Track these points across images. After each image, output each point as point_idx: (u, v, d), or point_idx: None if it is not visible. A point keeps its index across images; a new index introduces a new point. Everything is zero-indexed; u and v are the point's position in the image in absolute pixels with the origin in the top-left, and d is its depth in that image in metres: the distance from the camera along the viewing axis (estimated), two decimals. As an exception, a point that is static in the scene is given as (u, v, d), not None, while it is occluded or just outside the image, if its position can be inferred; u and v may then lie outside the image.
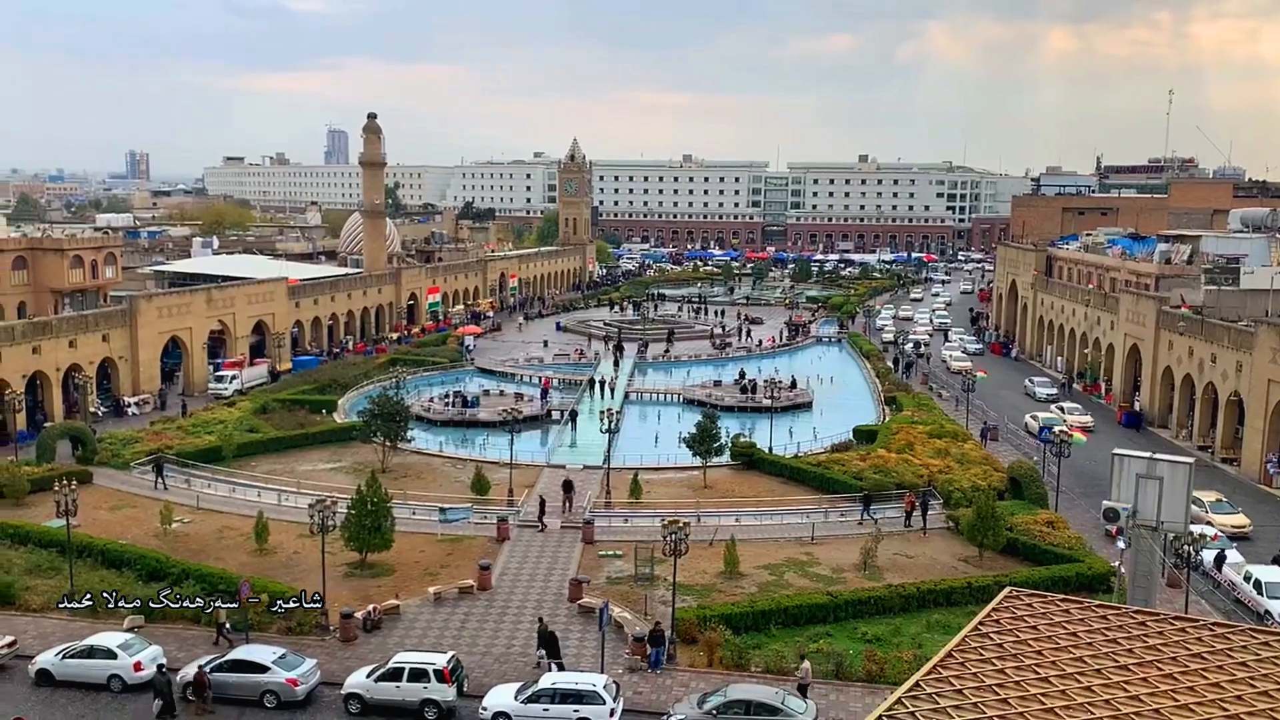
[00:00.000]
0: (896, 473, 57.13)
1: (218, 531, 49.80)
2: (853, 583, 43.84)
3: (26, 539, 46.57)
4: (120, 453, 60.59)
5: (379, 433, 61.39)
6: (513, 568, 46.01)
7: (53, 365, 69.79)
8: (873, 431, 67.65)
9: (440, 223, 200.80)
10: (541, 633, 37.08)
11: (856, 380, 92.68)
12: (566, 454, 65.66)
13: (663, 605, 40.24)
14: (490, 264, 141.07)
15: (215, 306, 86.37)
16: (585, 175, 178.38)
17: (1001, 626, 17.91)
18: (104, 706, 33.96)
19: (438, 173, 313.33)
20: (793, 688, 33.87)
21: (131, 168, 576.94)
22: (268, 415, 70.91)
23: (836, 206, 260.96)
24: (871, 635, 39.02)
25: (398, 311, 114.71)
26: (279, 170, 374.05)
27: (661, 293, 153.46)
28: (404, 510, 49.86)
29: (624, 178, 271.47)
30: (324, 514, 40.00)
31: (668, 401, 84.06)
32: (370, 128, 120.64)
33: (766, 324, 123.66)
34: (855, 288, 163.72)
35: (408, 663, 34.21)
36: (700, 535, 47.12)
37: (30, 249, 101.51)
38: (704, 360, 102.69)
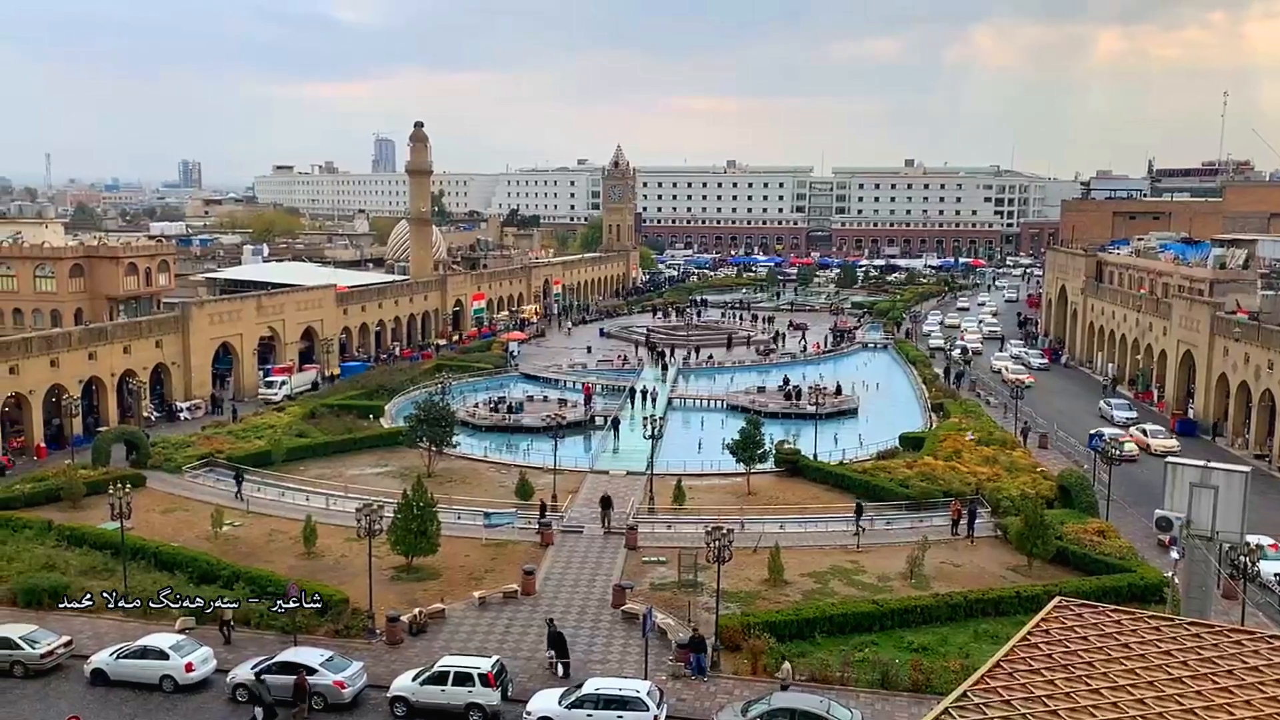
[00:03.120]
0: (943, 480, 56.51)
1: (267, 534, 50.51)
2: (899, 591, 43.41)
3: (82, 540, 47.58)
4: (173, 456, 61.70)
5: (425, 438, 61.95)
6: (556, 572, 46.14)
7: (108, 371, 71.27)
8: (919, 438, 66.97)
9: (485, 229, 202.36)
10: (551, 633, 37.35)
11: (903, 386, 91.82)
12: (610, 460, 65.76)
13: (706, 612, 40.12)
14: (534, 270, 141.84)
15: (265, 313, 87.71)
16: (629, 181, 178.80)
17: (1051, 637, 17.63)
18: (156, 706, 34.53)
19: (483, 180, 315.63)
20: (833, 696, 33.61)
21: (184, 177, 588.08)
22: (316, 420, 71.82)
23: (882, 211, 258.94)
24: (918, 644, 38.58)
25: (443, 318, 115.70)
26: (328, 179, 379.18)
27: (705, 299, 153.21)
28: (449, 515, 50.23)
29: (667, 184, 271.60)
30: (371, 518, 40.40)
31: (711, 407, 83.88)
32: (417, 136, 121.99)
33: (811, 330, 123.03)
34: (901, 293, 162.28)
35: (453, 666, 34.43)
36: (744, 542, 46.91)
37: (87, 257, 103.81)
38: (747, 366, 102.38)
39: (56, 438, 66.67)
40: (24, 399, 64.92)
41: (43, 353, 66.40)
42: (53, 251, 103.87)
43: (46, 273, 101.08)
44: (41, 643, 36.63)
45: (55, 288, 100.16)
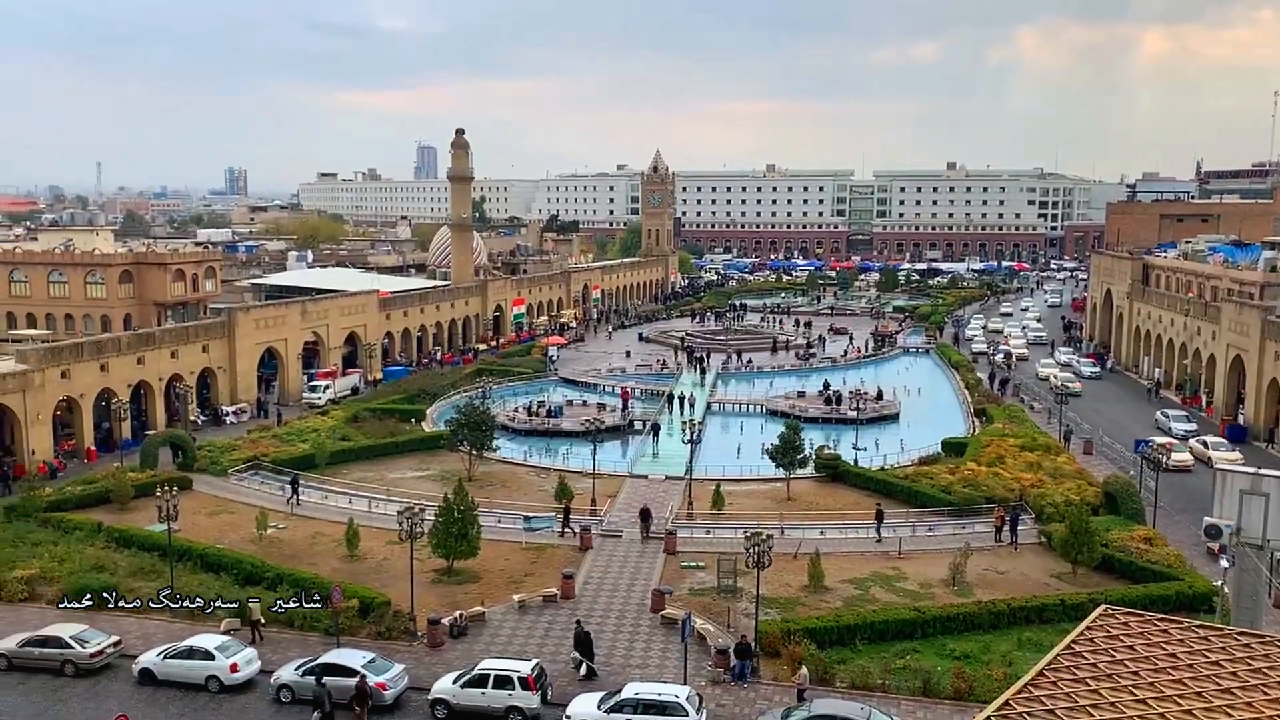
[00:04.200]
0: (986, 486, 55.92)
1: (311, 537, 51.10)
2: (941, 598, 43.03)
3: (130, 542, 48.45)
4: (218, 460, 62.62)
5: (465, 441, 62.38)
6: (596, 577, 46.24)
7: (155, 375, 72.53)
8: (962, 444, 66.32)
9: (525, 235, 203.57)
10: (577, 635, 37.47)
11: (945, 392, 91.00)
12: (648, 465, 65.79)
13: (746, 618, 40.02)
14: (574, 275, 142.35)
15: (310, 318, 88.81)
16: (668, 186, 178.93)
17: (1096, 645, 17.40)
18: (202, 706, 35.04)
19: (523, 186, 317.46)
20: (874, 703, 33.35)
21: (230, 184, 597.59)
22: (359, 424, 72.57)
23: (924, 215, 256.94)
24: (960, 652, 38.22)
25: (484, 322, 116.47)
26: (370, 185, 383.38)
27: (744, 303, 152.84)
28: (489, 518, 50.51)
29: (706, 188, 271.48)
30: (412, 521, 40.75)
31: (750, 412, 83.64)
32: (458, 143, 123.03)
33: (852, 334, 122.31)
34: (943, 297, 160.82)
35: (493, 669, 34.62)
36: (784, 548, 46.74)
37: (135, 263, 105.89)
38: (787, 370, 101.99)
39: (106, 441, 67.95)
40: (75, 403, 66.27)
41: (93, 357, 67.74)
42: (103, 258, 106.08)
43: (97, 279, 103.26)
44: (91, 642, 37.35)
45: (105, 294, 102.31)
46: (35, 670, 36.94)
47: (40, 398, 62.88)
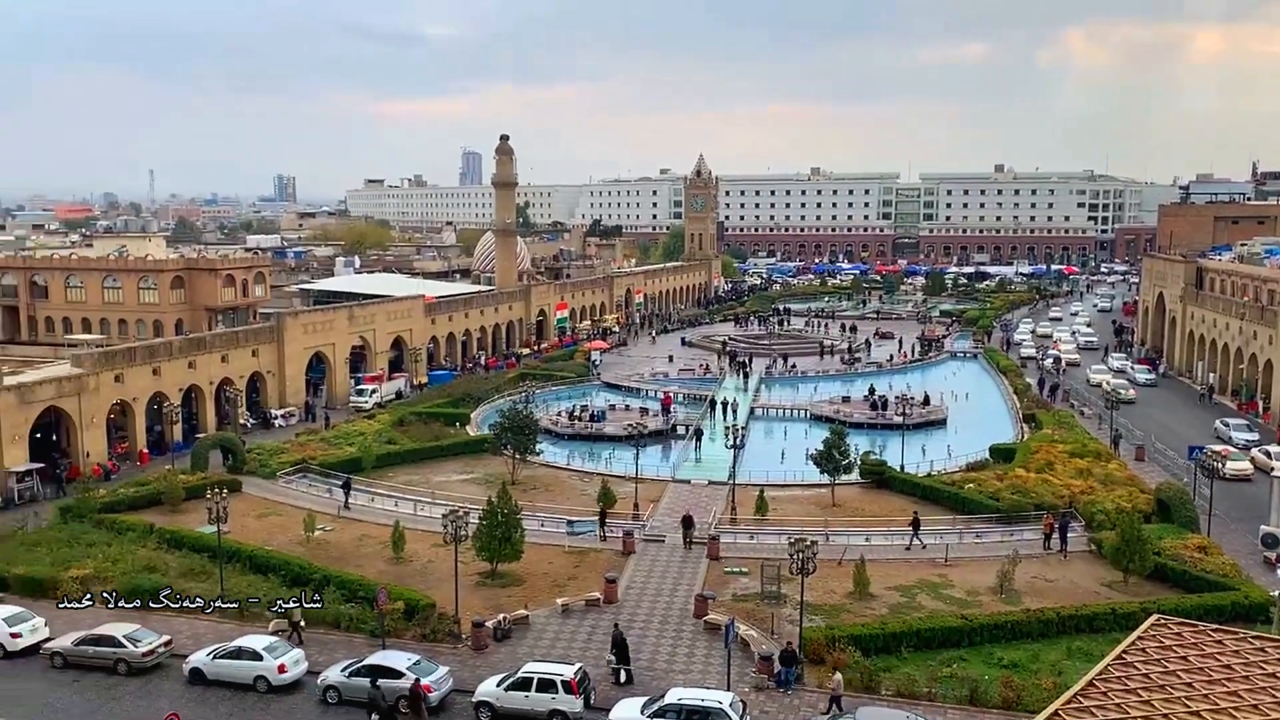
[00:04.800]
0: (1035, 493, 55.17)
1: (357, 539, 51.62)
2: (988, 606, 42.47)
3: (181, 544, 49.27)
4: (267, 462, 63.48)
5: (509, 445, 62.70)
6: (638, 582, 46.21)
7: (206, 379, 73.75)
8: (1010, 450, 65.47)
9: (568, 240, 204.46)
10: (614, 638, 37.47)
11: (993, 397, 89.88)
12: (691, 470, 65.66)
13: (790, 624, 39.77)
14: (616, 280, 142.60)
15: (357, 323, 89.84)
16: (711, 190, 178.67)
17: (1148, 656, 17.05)
18: (250, 706, 35.50)
19: (566, 191, 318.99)
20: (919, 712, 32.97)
21: (279, 191, 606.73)
22: (405, 428, 73.24)
23: (971, 218, 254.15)
24: (1008, 661, 37.69)
25: (527, 327, 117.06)
26: (416, 192, 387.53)
27: (788, 307, 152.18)
28: (532, 522, 50.69)
29: (750, 192, 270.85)
30: (457, 524, 41.02)
31: (794, 417, 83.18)
32: (502, 149, 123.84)
33: (898, 338, 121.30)
34: (991, 301, 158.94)
35: (536, 673, 34.72)
36: (828, 554, 46.40)
37: (187, 269, 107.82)
38: (831, 375, 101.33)
39: (158, 444, 69.21)
40: (128, 406, 67.58)
41: (145, 362, 69.05)
42: (155, 264, 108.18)
43: (149, 284, 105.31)
44: (143, 641, 38.01)
45: (158, 299, 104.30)
46: (89, 668, 37.67)
47: (95, 401, 64.20)
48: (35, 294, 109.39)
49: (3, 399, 58.42)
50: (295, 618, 40.12)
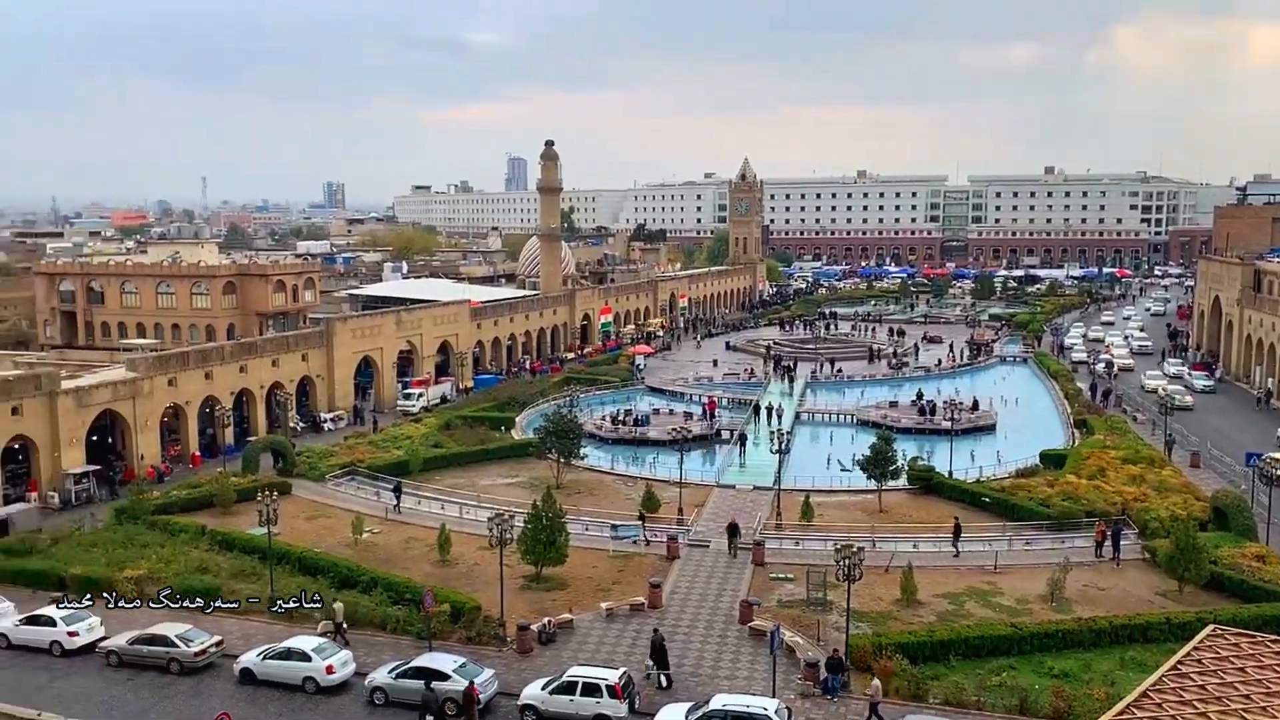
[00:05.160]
0: (1087, 500, 54.26)
1: (404, 542, 52.08)
2: (1039, 614, 41.83)
3: (232, 545, 50.03)
4: (316, 465, 64.28)
5: (553, 449, 62.92)
6: (683, 587, 46.09)
7: (257, 383, 74.88)
8: (1061, 456, 64.48)
9: (612, 244, 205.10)
10: (653, 643, 37.37)
11: (1043, 402, 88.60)
12: (736, 475, 65.42)
13: (836, 631, 39.46)
14: (660, 284, 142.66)
15: (404, 328, 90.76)
16: (756, 194, 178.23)
17: (1204, 667, 16.67)
18: (299, 707, 35.91)
19: (611, 196, 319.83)
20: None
21: (329, 197, 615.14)
22: (451, 431, 73.79)
23: (1021, 220, 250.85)
24: (1059, 670, 37.08)
25: (572, 331, 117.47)
26: (463, 197, 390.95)
27: (834, 311, 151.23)
28: (576, 526, 50.76)
29: (795, 195, 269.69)
30: (502, 527, 41.22)
31: (840, 422, 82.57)
32: (547, 155, 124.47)
33: (946, 342, 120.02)
34: (1041, 305, 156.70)
35: (581, 677, 34.76)
36: (875, 561, 45.97)
37: (239, 275, 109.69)
38: (878, 380, 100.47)
39: (210, 447, 70.37)
40: (181, 409, 68.81)
41: (198, 366, 70.29)
42: (208, 270, 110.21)
43: (202, 290, 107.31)
44: (195, 641, 38.61)
45: (210, 304, 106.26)
46: (143, 667, 38.35)
47: (149, 405, 65.46)
48: (92, 299, 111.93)
49: (61, 402, 59.80)
50: (338, 618, 40.57)
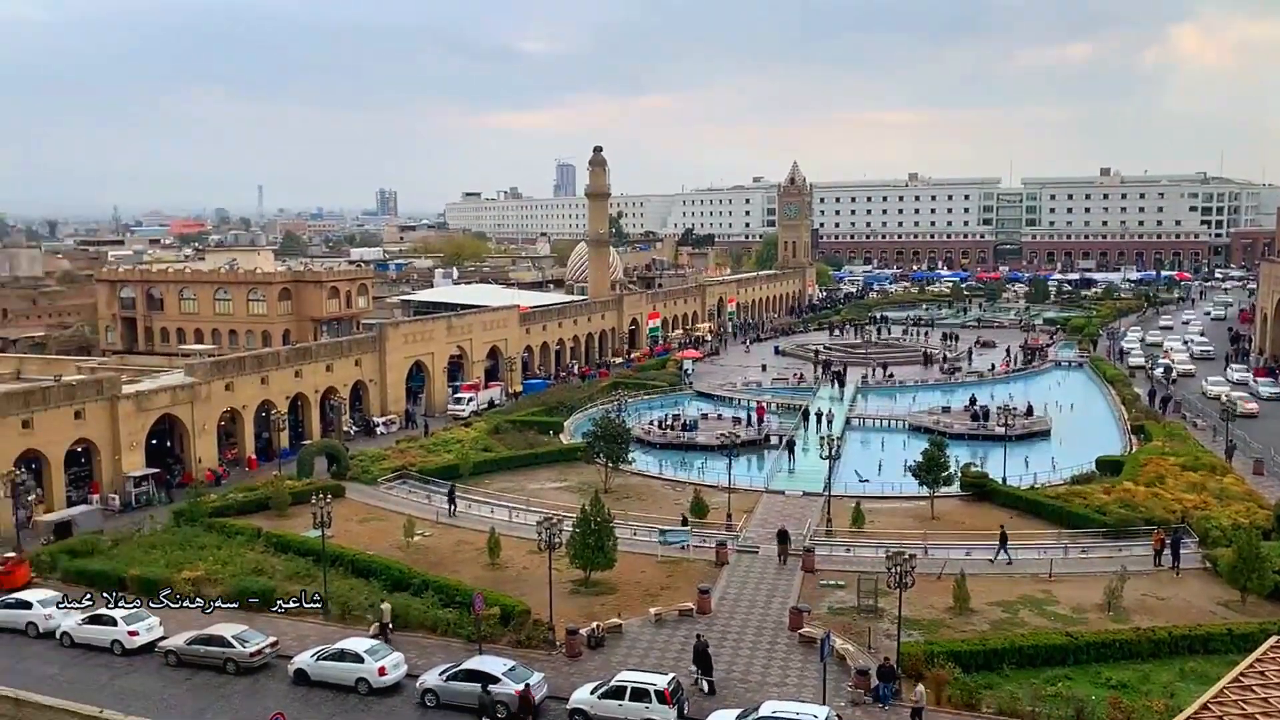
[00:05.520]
0: (1145, 507, 53.18)
1: (454, 545, 52.50)
2: (1095, 624, 41.07)
3: (287, 547, 50.79)
4: (369, 469, 65.08)
5: (601, 454, 63.06)
6: (732, 593, 45.92)
7: (312, 388, 76.01)
8: (1118, 462, 63.28)
9: (661, 249, 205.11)
10: (696, 648, 37.26)
11: (1099, 408, 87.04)
12: (785, 480, 65.06)
13: (887, 639, 39.07)
14: (709, 289, 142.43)
15: (455, 333, 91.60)
16: (805, 198, 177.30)
17: (1266, 679, 16.25)
18: (352, 708, 36.34)
19: (659, 201, 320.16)
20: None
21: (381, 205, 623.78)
22: (500, 435, 74.29)
23: (1076, 223, 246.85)
24: (1116, 681, 36.34)
25: (620, 336, 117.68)
26: (512, 204, 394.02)
27: (885, 315, 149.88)
28: (625, 530, 50.80)
29: (845, 199, 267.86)
30: (551, 532, 41.39)
31: (891, 428, 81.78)
32: (596, 160, 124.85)
33: (1000, 347, 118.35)
34: (1097, 309, 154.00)
35: (630, 682, 34.77)
36: (927, 568, 45.46)
37: (294, 281, 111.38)
38: (930, 385, 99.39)
39: (265, 450, 71.53)
40: (238, 414, 70.04)
41: (254, 371, 71.49)
42: (264, 277, 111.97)
43: (258, 296, 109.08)
44: (251, 642, 39.22)
45: (266, 310, 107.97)
46: (200, 667, 39.04)
47: (206, 409, 66.73)
48: (152, 306, 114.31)
49: (121, 407, 61.18)
50: (385, 619, 40.97)
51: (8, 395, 57.24)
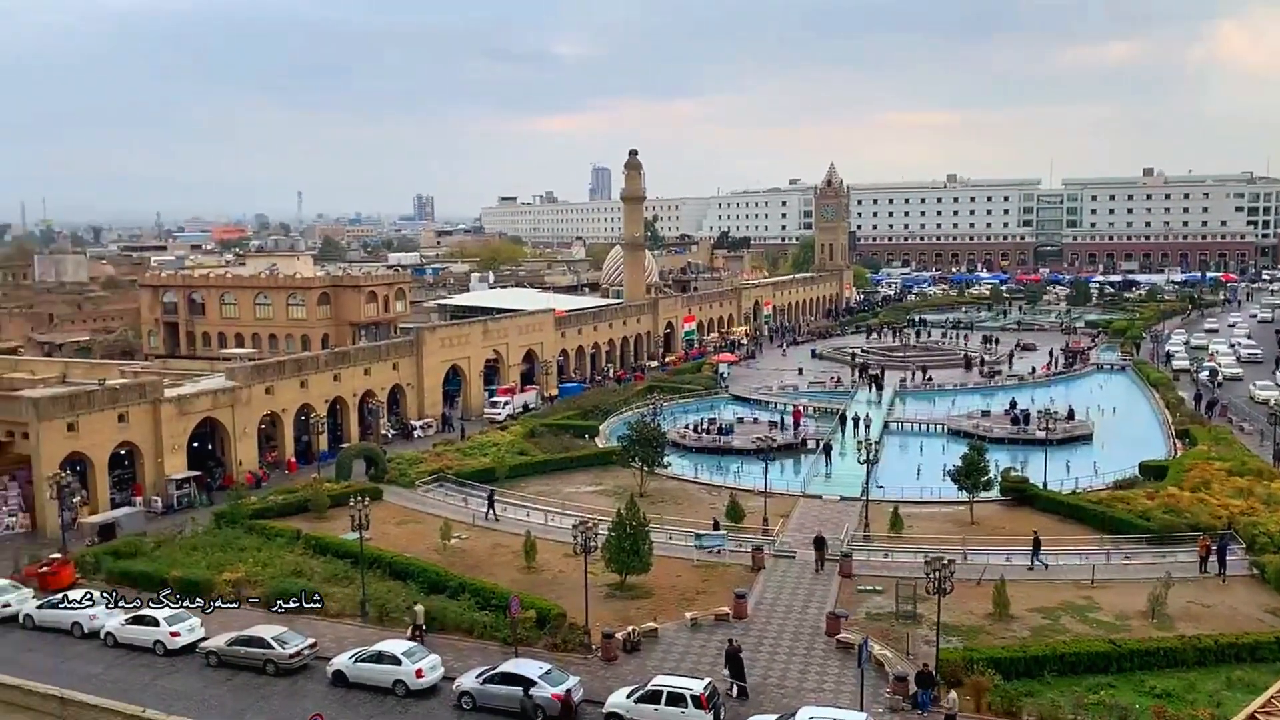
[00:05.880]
0: (1190, 513, 52.23)
1: (491, 548, 52.66)
2: (1139, 631, 40.40)
3: (326, 549, 51.22)
4: (406, 472, 65.47)
5: (637, 458, 62.97)
6: (768, 598, 45.65)
7: (350, 391, 76.63)
8: (1162, 467, 62.26)
9: (696, 253, 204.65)
10: (728, 653, 37.07)
11: (1143, 411, 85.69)
12: (822, 485, 64.61)
13: (926, 645, 38.65)
14: (744, 292, 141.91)
15: (490, 337, 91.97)
16: (842, 200, 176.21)
17: (1321, 692, 15.83)
18: (389, 709, 36.50)
19: (694, 204, 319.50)
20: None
21: (419, 210, 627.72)
22: (536, 439, 74.43)
23: (1118, 224, 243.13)
24: (1161, 690, 35.72)
25: (655, 340, 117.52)
26: (547, 208, 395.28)
27: (923, 318, 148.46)
28: (660, 534, 50.69)
29: (883, 200, 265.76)
30: (586, 535, 41.37)
31: (930, 432, 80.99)
32: (631, 164, 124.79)
33: (1041, 350, 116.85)
34: (1140, 311, 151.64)
35: (666, 686, 34.61)
36: (966, 574, 44.91)
37: (332, 286, 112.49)
38: (970, 389, 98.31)
39: (305, 453, 72.17)
40: (278, 417, 70.75)
41: (294, 375, 72.23)
42: (303, 281, 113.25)
43: (298, 301, 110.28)
44: (290, 643, 39.54)
45: (305, 314, 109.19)
46: (241, 667, 39.42)
47: (247, 413, 67.48)
48: (193, 311, 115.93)
49: (164, 410, 62.03)
50: (418, 620, 41.16)
51: (54, 399, 58.24)
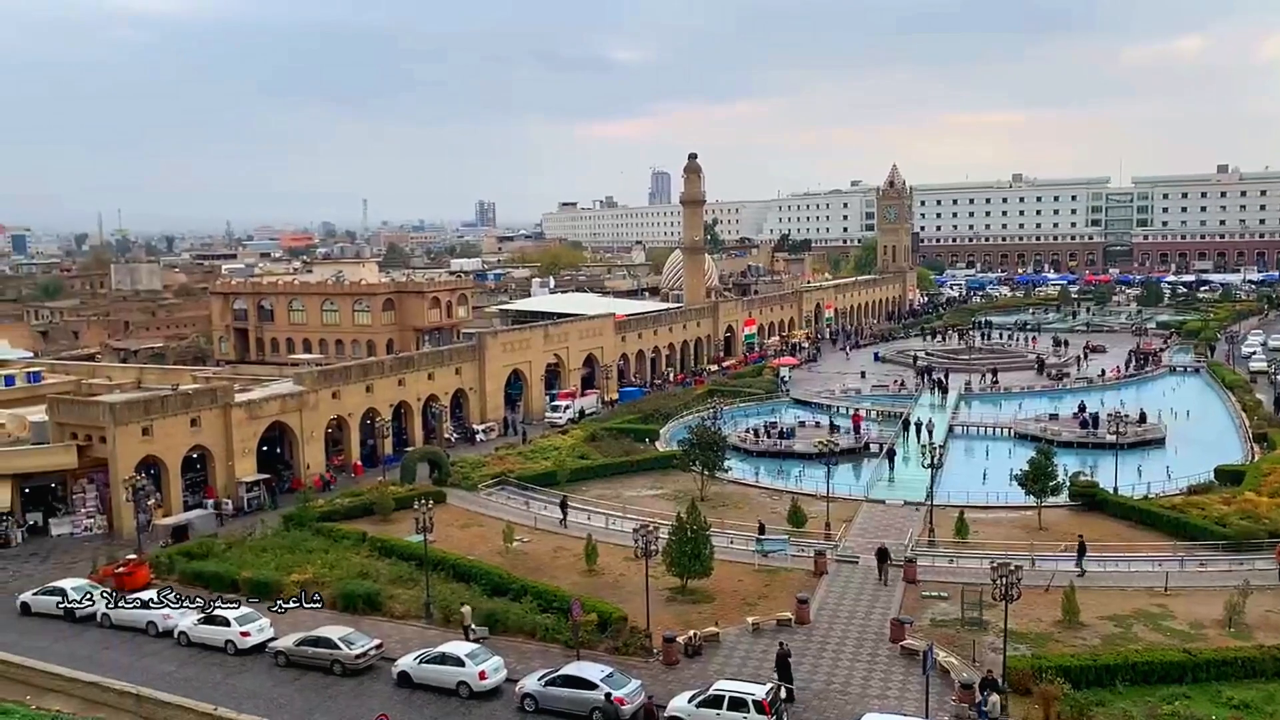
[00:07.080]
0: (1269, 519, 50.67)
1: (552, 551, 52.95)
2: (1215, 640, 39.26)
3: (391, 552, 51.92)
4: (469, 475, 66.12)
5: (697, 462, 62.84)
6: (830, 603, 45.25)
7: (414, 396, 77.63)
8: (1239, 472, 60.48)
9: (756, 256, 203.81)
10: (778, 655, 36.92)
11: (1218, 414, 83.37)
12: (885, 490, 63.87)
13: (992, 652, 38.00)
14: (805, 295, 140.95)
15: (551, 341, 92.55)
16: (905, 201, 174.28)
17: None
18: (453, 711, 36.85)
19: (754, 207, 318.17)
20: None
21: (480, 216, 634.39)
22: (597, 443, 74.69)
23: (1191, 223, 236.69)
24: (1238, 701, 34.66)
25: (715, 344, 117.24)
26: (607, 213, 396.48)
27: (989, 320, 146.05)
28: (721, 539, 50.51)
29: (947, 201, 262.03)
30: (647, 539, 41.39)
31: (996, 436, 79.62)
32: (690, 168, 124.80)
33: (1110, 352, 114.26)
34: (1215, 311, 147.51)
35: (728, 691, 34.46)
36: (1034, 580, 44.03)
37: (396, 292, 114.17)
38: (1037, 392, 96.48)
39: (370, 457, 73.24)
40: (344, 421, 71.94)
41: (360, 380, 73.39)
42: (368, 288, 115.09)
43: (363, 307, 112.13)
44: (356, 644, 40.14)
45: (370, 320, 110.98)
46: (308, 667, 40.11)
47: (314, 417, 68.72)
48: (263, 317, 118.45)
49: (234, 414, 63.43)
50: (466, 621, 41.55)
51: (129, 404, 59.88)
